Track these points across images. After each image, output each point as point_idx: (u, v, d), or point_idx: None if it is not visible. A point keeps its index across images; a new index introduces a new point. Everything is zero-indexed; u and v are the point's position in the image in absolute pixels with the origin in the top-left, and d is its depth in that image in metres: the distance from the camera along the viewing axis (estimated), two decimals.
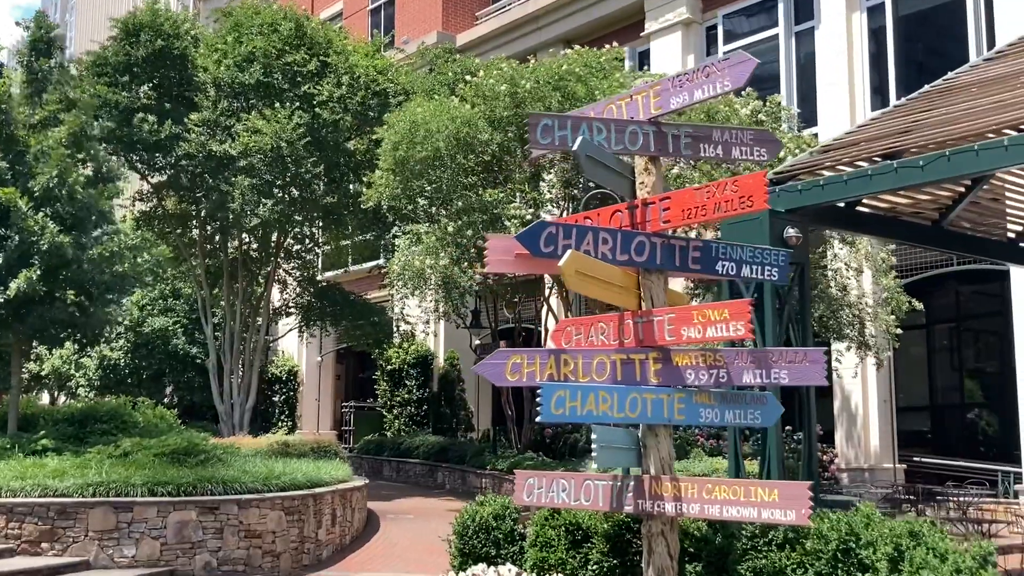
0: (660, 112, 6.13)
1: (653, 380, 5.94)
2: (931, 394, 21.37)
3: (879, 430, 20.18)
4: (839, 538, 5.90)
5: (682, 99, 5.97)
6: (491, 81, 17.39)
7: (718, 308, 5.70)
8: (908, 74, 20.03)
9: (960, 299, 20.96)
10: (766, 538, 6.15)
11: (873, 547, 5.77)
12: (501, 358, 6.01)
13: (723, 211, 5.66)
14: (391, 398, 28.60)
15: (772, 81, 21.95)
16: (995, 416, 19.96)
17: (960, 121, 10.20)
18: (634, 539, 6.71)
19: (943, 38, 20.14)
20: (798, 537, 6.03)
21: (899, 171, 9.45)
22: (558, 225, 5.81)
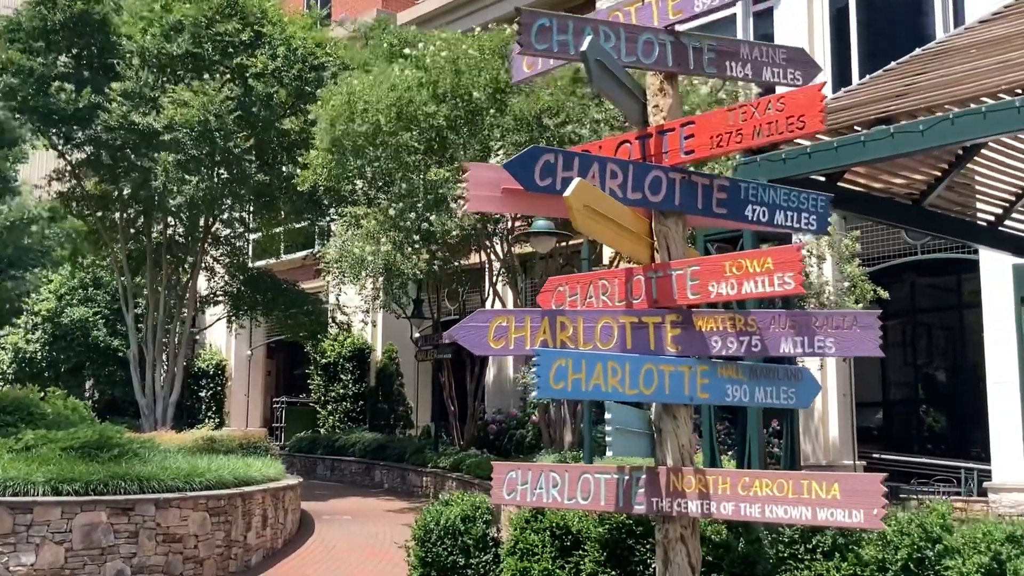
0: (680, 17, 4.98)
1: (671, 349, 4.77)
2: (890, 388, 20.69)
3: (839, 425, 19.38)
4: (911, 544, 4.76)
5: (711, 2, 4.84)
6: (432, 49, 16.13)
7: (758, 256, 4.55)
8: (872, 55, 19.20)
9: (924, 290, 20.29)
10: (808, 544, 5.03)
11: (960, 555, 4.67)
12: (482, 320, 4.80)
13: (765, 136, 4.52)
14: (325, 393, 27.23)
15: None
16: (961, 412, 19.27)
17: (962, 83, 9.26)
18: (637, 545, 5.57)
19: (908, 18, 19.38)
20: (851, 542, 4.93)
21: (896, 137, 8.44)
22: (557, 152, 4.62)
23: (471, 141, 16.33)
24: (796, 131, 4.43)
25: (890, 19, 19.59)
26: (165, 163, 19.45)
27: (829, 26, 20.12)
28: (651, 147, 4.87)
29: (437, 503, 7.49)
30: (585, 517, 6.15)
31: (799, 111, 4.43)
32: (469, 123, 16.22)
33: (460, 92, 15.49)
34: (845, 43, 19.70)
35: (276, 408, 29.59)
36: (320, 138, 17.42)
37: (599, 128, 15.65)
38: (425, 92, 15.79)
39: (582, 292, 5.03)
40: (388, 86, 15.82)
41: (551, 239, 11.84)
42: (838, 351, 4.74)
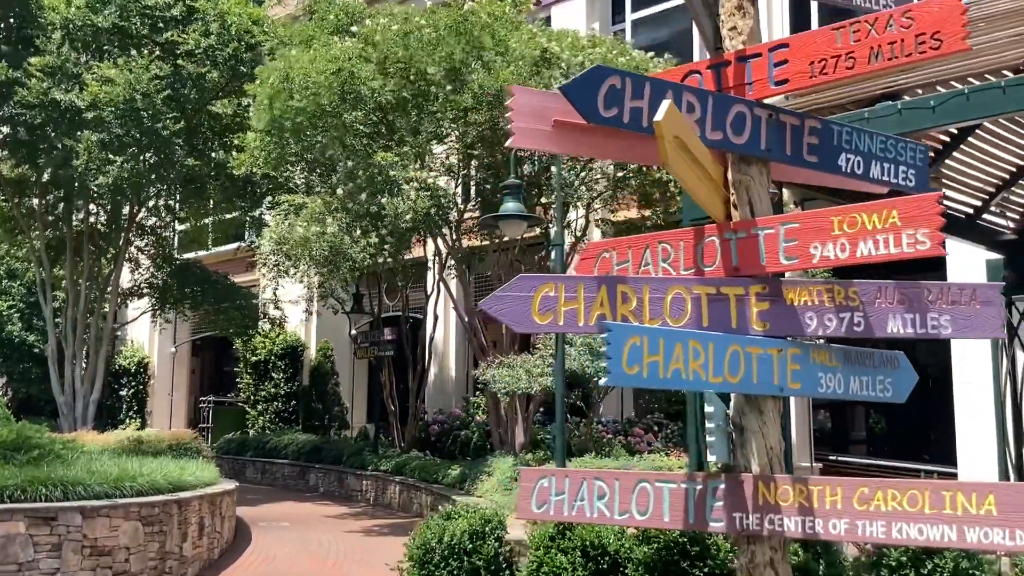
0: None
1: (756, 327, 3.85)
2: None
3: (796, 426, 18.73)
4: None
5: None
6: (383, 21, 15.02)
7: (878, 208, 3.64)
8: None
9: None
10: (921, 570, 4.12)
11: None
12: (525, 288, 3.81)
13: (887, 59, 3.63)
14: (255, 392, 25.91)
15: (686, 53, 20.31)
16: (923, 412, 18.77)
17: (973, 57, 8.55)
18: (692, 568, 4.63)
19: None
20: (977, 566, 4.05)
21: (903, 113, 7.63)
22: (624, 75, 3.65)
23: (423, 121, 15.27)
24: (930, 52, 3.54)
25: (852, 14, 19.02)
26: (88, 143, 18.03)
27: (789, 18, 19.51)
28: (728, 78, 3.94)
29: (438, 516, 6.42)
30: (623, 533, 5.19)
31: (933, 27, 3.54)
32: (420, 102, 15.17)
33: (413, 67, 14.41)
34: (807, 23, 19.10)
35: (203, 408, 28.14)
36: (257, 117, 16.20)
37: None
38: (370, 66, 14.67)
39: (634, 258, 4.08)
40: (328, 58, 14.67)
41: (521, 223, 10.88)
42: (954, 331, 3.87)
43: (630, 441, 15.47)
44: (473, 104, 14.15)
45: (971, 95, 7.56)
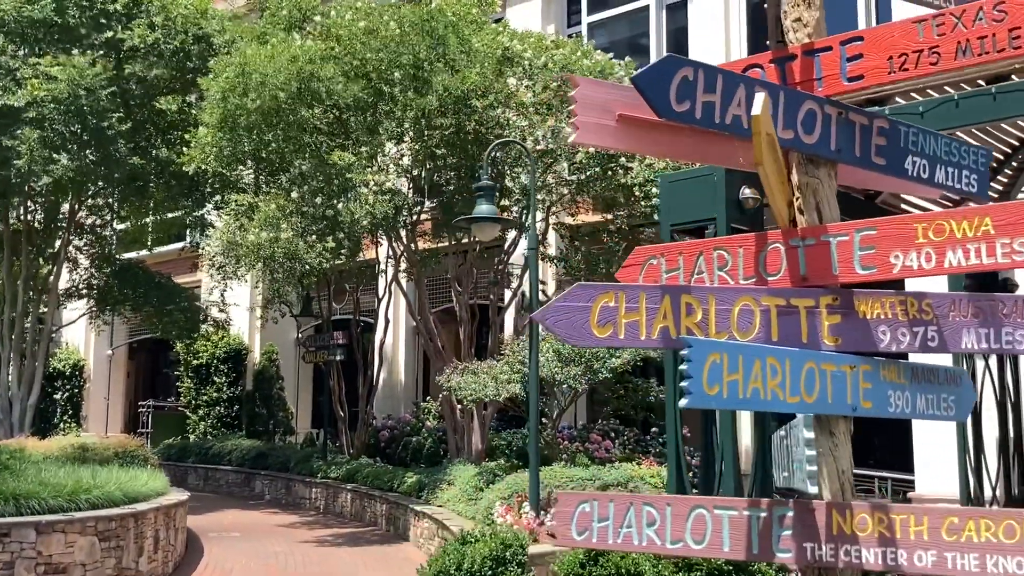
0: None
1: (828, 342, 3.57)
2: None
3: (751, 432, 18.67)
4: None
5: None
6: (348, 16, 14.59)
7: (968, 215, 3.37)
8: None
9: None
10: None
11: None
12: (582, 298, 3.48)
13: (977, 55, 3.37)
14: (197, 397, 25.22)
15: (643, 54, 20.17)
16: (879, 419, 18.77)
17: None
18: None
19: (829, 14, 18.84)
20: None
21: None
22: (697, 66, 3.35)
23: (382, 121, 14.86)
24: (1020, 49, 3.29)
25: None
26: (30, 141, 17.28)
27: (746, 19, 19.44)
28: (795, 73, 3.66)
29: (455, 541, 6.01)
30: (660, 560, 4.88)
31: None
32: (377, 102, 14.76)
33: (379, 68, 14.00)
34: (761, 37, 19.03)
35: (142, 412, 27.32)
36: (210, 112, 15.64)
37: (528, 114, 14.46)
38: (332, 66, 14.23)
39: (686, 266, 3.78)
40: (288, 57, 14.19)
41: (495, 226, 10.55)
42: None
43: (588, 448, 15.21)
44: (437, 106, 13.78)
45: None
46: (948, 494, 15.03)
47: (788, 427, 3.39)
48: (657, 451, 15.60)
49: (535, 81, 14.80)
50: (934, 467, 15.17)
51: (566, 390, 12.77)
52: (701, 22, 19.44)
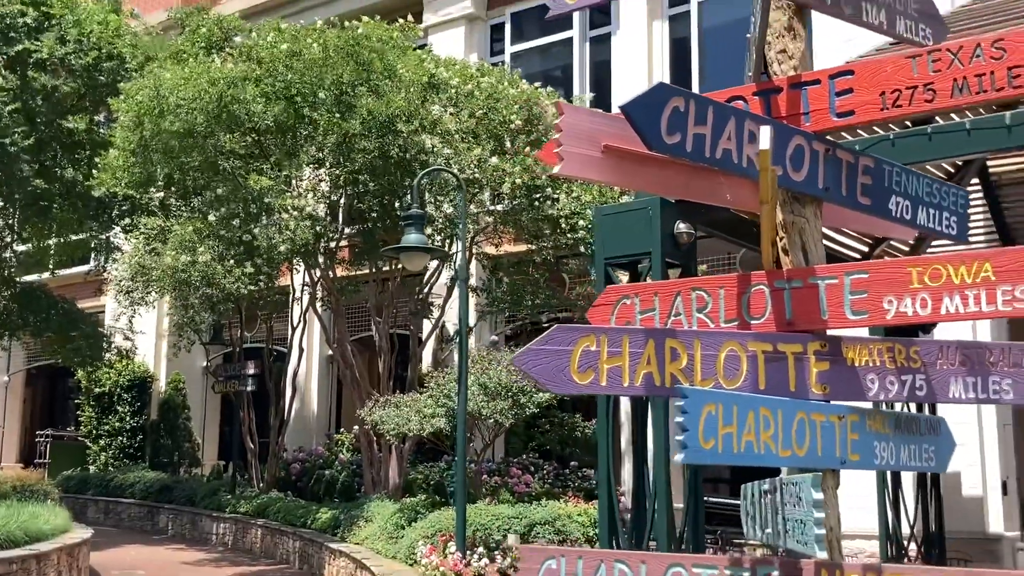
0: None
1: (816, 390, 3.37)
2: None
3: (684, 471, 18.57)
4: None
5: None
6: (269, 39, 14.21)
7: (967, 260, 3.21)
8: (714, 86, 18.73)
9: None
10: None
11: None
12: (562, 341, 3.22)
13: (975, 93, 3.22)
14: (98, 426, 24.26)
15: (566, 85, 20.15)
16: None
17: None
18: None
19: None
20: None
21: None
22: (688, 96, 3.13)
23: (303, 145, 14.49)
24: (1018, 88, 3.16)
25: (731, 47, 19.17)
26: None
27: (669, 54, 19.56)
28: (780, 106, 3.48)
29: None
30: None
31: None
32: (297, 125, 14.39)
33: (302, 91, 13.62)
34: (685, 70, 19.15)
35: (39, 442, 26.16)
36: (123, 136, 15.08)
37: (453, 140, 14.22)
38: (253, 88, 13.82)
39: (662, 306, 3.55)
40: (208, 80, 13.73)
41: (424, 256, 10.26)
42: (1016, 396, 3.51)
43: (508, 482, 14.95)
44: (361, 130, 13.46)
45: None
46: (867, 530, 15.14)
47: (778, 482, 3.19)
48: (576, 485, 15.41)
49: (461, 108, 14.61)
50: (852, 502, 15.23)
51: (492, 424, 12.48)
52: (624, 55, 19.50)
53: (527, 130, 14.81)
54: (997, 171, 11.33)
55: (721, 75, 18.99)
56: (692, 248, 9.37)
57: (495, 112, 14.45)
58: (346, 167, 14.49)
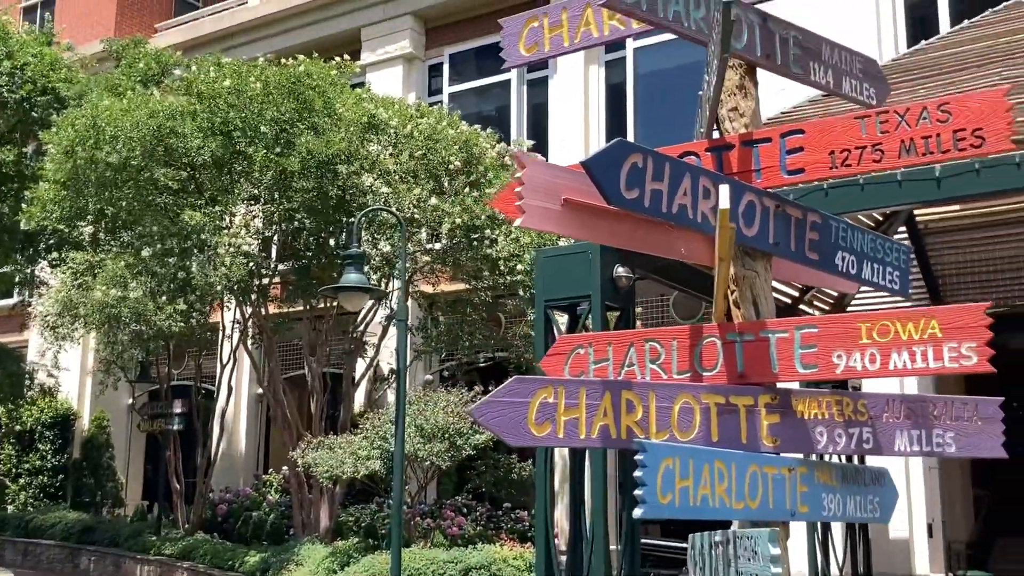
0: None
1: (767, 442, 3.42)
2: None
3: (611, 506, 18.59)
4: None
5: None
6: (211, 74, 14.11)
7: (915, 317, 3.29)
8: (648, 131, 19.03)
9: None
10: None
11: None
12: (520, 393, 3.22)
13: (921, 154, 3.31)
14: (17, 465, 23.56)
15: (504, 127, 20.29)
16: None
17: None
18: None
19: (685, 96, 19.38)
20: None
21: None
22: (646, 152, 3.18)
23: (239, 181, 14.38)
24: (971, 150, 3.26)
25: (666, 93, 19.52)
26: None
27: (605, 98, 19.82)
28: (732, 163, 3.55)
29: None
30: None
31: (974, 123, 3.26)
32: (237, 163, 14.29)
33: (241, 127, 13.54)
34: (621, 114, 19.42)
35: None
36: (55, 168, 14.81)
37: (392, 181, 14.23)
38: (191, 122, 13.70)
39: (615, 357, 3.58)
40: (147, 112, 13.58)
41: (363, 296, 10.20)
42: (958, 449, 3.59)
43: (441, 524, 14.83)
44: (301, 169, 13.40)
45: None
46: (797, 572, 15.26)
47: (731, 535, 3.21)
48: (509, 527, 15.35)
49: (400, 149, 14.63)
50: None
51: (428, 466, 12.39)
52: (561, 99, 19.72)
53: (466, 171, 14.89)
54: (924, 219, 11.64)
55: (655, 120, 19.30)
56: (631, 291, 9.47)
57: (434, 152, 14.51)
58: (282, 204, 14.40)
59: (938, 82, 9.57)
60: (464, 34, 21.40)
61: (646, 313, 16.86)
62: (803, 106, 9.01)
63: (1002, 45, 9.77)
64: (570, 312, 9.32)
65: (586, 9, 3.76)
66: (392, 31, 21.74)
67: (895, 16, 15.92)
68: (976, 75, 9.42)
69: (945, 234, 11.82)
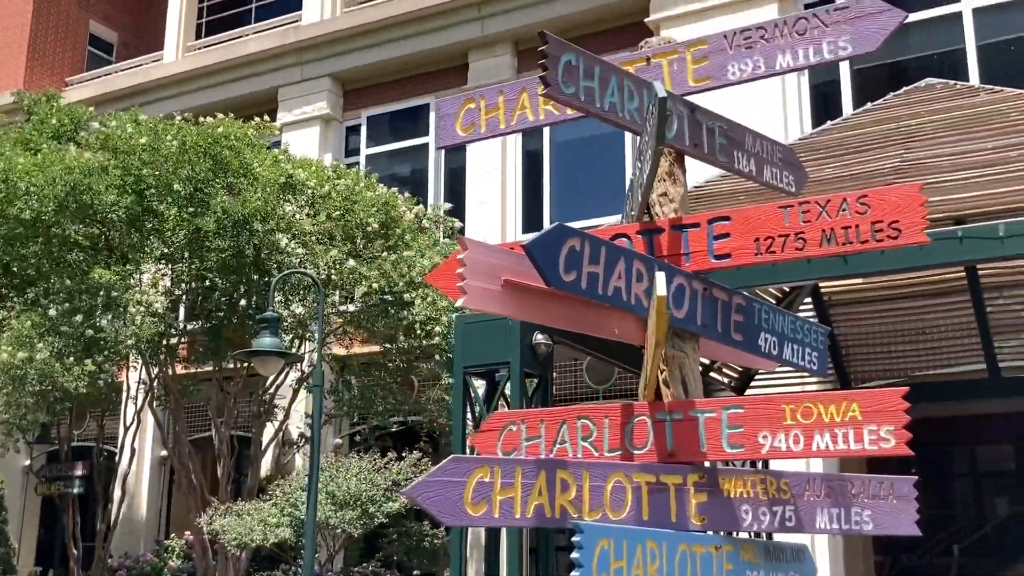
0: (703, 86, 3.85)
1: (695, 521, 3.48)
2: None
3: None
4: None
5: (753, 66, 3.73)
6: (128, 130, 13.95)
7: (836, 400, 3.40)
8: (564, 199, 19.32)
9: None
10: None
11: None
12: (456, 473, 3.22)
13: (841, 244, 3.46)
14: None
15: (421, 190, 20.38)
16: None
17: None
18: None
19: (600, 165, 19.75)
20: None
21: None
22: (584, 237, 3.26)
23: (152, 239, 14.18)
24: (887, 241, 3.42)
25: (582, 162, 19.87)
26: None
27: (522, 164, 20.08)
28: (662, 246, 3.66)
29: None
30: None
31: (891, 215, 3.43)
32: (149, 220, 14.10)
33: (156, 184, 13.38)
34: (538, 182, 19.69)
35: None
36: None
37: (309, 241, 14.17)
38: (109, 177, 13.50)
39: (548, 434, 3.64)
40: (63, 167, 13.34)
41: (278, 361, 10.10)
42: (875, 527, 3.72)
43: None
44: (216, 228, 13.27)
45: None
46: None
47: None
48: None
49: (317, 209, 14.60)
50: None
51: (339, 534, 12.21)
52: (478, 164, 19.91)
53: (384, 233, 14.91)
54: (828, 291, 11.99)
55: (570, 186, 19.61)
56: (549, 357, 9.57)
57: (352, 214, 14.51)
58: (195, 264, 14.22)
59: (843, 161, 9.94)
60: (383, 97, 21.54)
61: (560, 378, 16.96)
62: (715, 180, 9.28)
63: (903, 128, 10.19)
64: (488, 378, 9.37)
65: (522, 93, 3.87)
66: (310, 92, 21.78)
67: (800, 97, 16.51)
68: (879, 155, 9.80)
69: (849, 306, 12.19)
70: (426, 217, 16.78)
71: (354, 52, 21.22)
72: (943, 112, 10.23)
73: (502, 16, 19.57)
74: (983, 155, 8.92)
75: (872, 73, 16.05)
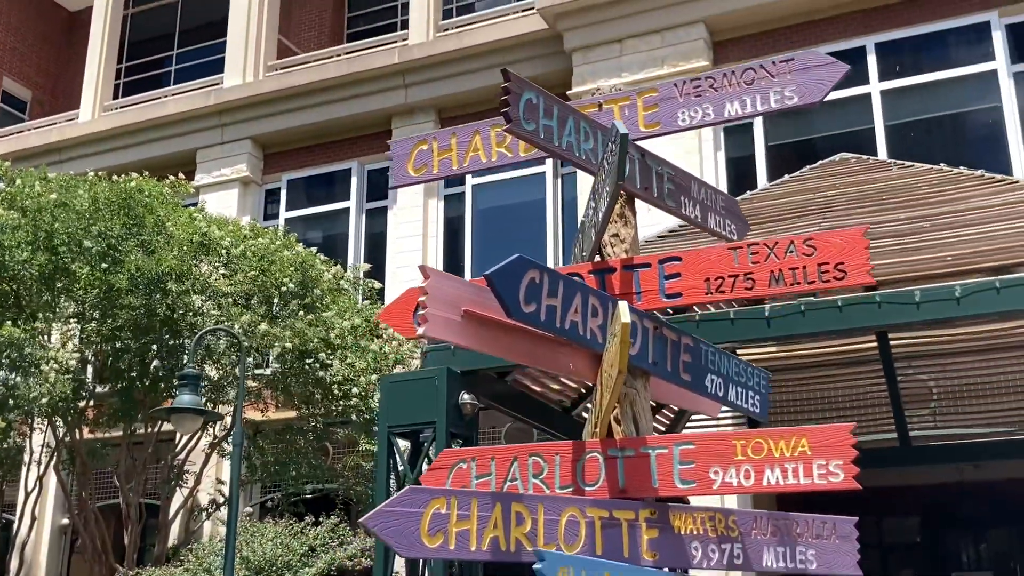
0: (655, 131, 3.95)
1: (647, 556, 3.49)
2: None
3: None
4: None
5: (703, 113, 3.84)
6: (36, 187, 13.67)
7: (786, 435, 3.46)
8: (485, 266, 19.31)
9: None
10: None
11: None
12: (413, 503, 3.18)
13: (789, 284, 3.55)
14: None
15: (341, 254, 20.29)
16: None
17: None
18: None
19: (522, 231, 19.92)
20: None
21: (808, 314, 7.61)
22: (543, 269, 3.30)
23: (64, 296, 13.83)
24: (833, 282, 3.53)
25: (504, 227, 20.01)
26: None
27: (443, 230, 20.17)
28: (614, 285, 3.72)
29: None
30: None
31: (836, 257, 3.55)
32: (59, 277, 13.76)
33: (67, 242, 13.10)
34: (459, 247, 19.76)
35: None
36: None
37: (225, 303, 13.95)
38: (19, 235, 13.18)
39: (499, 471, 3.63)
40: None
41: (197, 419, 9.87)
42: (819, 567, 3.77)
43: None
44: (129, 287, 13.00)
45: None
46: None
47: None
48: None
49: (233, 269, 14.42)
50: None
51: None
52: (399, 229, 19.95)
53: (301, 293, 14.75)
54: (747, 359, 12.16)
55: (490, 252, 19.73)
56: (475, 419, 9.52)
57: (268, 274, 14.34)
58: (107, 322, 13.88)
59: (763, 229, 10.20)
60: (304, 161, 21.53)
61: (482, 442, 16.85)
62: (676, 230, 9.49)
63: (819, 199, 10.51)
64: (413, 439, 9.27)
65: (475, 135, 3.93)
66: (230, 154, 21.65)
67: (716, 168, 16.94)
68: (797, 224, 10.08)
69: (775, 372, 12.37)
70: (344, 278, 16.67)
71: (276, 116, 21.20)
72: (857, 185, 10.59)
73: (426, 85, 19.79)
74: (896, 225, 9.24)
75: (786, 148, 16.58)
